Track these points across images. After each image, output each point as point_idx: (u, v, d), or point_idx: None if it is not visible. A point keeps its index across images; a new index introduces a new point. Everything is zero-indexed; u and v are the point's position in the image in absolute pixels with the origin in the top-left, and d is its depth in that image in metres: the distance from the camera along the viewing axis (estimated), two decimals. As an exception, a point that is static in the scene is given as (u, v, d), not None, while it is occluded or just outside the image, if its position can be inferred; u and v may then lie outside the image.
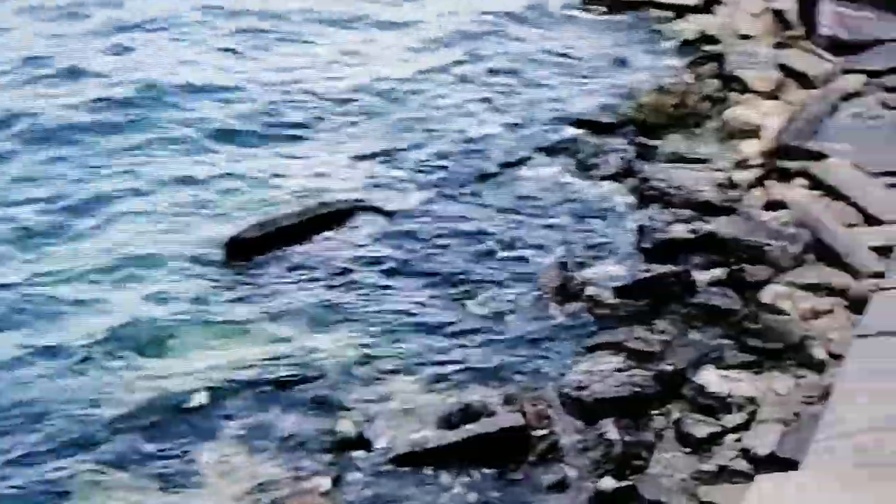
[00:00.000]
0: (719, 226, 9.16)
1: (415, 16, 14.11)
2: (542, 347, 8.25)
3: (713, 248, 8.99)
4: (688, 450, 7.14)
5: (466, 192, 10.31)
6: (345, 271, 9.26)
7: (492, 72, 12.54)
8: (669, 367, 7.68)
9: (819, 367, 7.60)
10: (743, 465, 6.93)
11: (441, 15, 14.12)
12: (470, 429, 7.46)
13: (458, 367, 8.18)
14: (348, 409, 7.77)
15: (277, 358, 8.26)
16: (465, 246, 9.51)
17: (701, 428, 7.23)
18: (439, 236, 9.63)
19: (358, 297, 8.95)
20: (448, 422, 7.59)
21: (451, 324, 8.60)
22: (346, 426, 7.59)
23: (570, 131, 11.21)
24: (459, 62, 12.83)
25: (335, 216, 9.75)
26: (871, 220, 8.95)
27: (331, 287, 9.07)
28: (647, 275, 8.71)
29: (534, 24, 13.98)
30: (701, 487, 6.83)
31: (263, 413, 7.73)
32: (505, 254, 9.37)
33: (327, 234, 9.64)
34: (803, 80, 11.57)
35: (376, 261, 9.37)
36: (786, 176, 9.89)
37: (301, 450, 7.45)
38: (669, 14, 14.02)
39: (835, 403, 6.52)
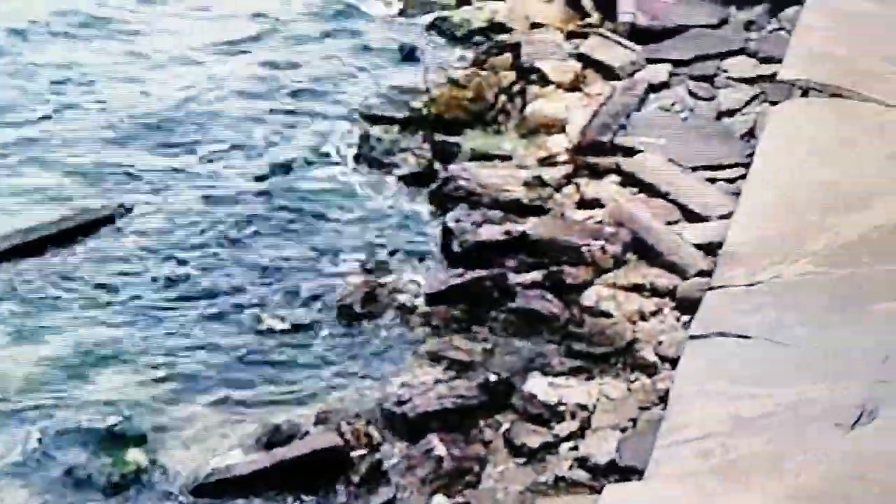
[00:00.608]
0: (532, 226, 9.72)
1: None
2: (353, 362, 8.66)
3: (527, 249, 9.56)
4: (521, 461, 7.64)
5: (249, 196, 10.57)
6: (114, 287, 9.44)
7: (271, 66, 12.82)
8: (494, 377, 8.18)
9: (650, 370, 8.24)
10: (581, 474, 7.49)
11: (217, 17, 14.30)
12: (280, 452, 7.80)
13: (259, 387, 8.51)
14: (138, 438, 7.98)
15: (45, 383, 8.39)
16: (251, 256, 9.80)
17: (533, 438, 7.75)
18: (221, 246, 9.89)
19: (135, 314, 9.14)
20: (255, 446, 7.89)
21: (245, 341, 8.90)
22: (136, 456, 7.81)
23: (360, 129, 11.56)
24: (238, 59, 13.06)
25: (100, 222, 9.91)
26: (691, 216, 9.67)
27: (103, 305, 9.24)
28: (461, 280, 9.21)
29: (314, 17, 14.24)
30: (539, 500, 7.33)
31: (33, 447, 7.88)
32: (300, 262, 9.70)
33: (91, 244, 9.79)
34: (606, 71, 12.26)
35: (151, 275, 9.57)
36: (596, 172, 10.53)
37: (84, 487, 7.63)
38: (451, 2, 14.51)
39: (674, 407, 7.15)
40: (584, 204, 10.18)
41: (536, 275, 9.33)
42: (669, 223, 9.66)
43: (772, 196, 9.01)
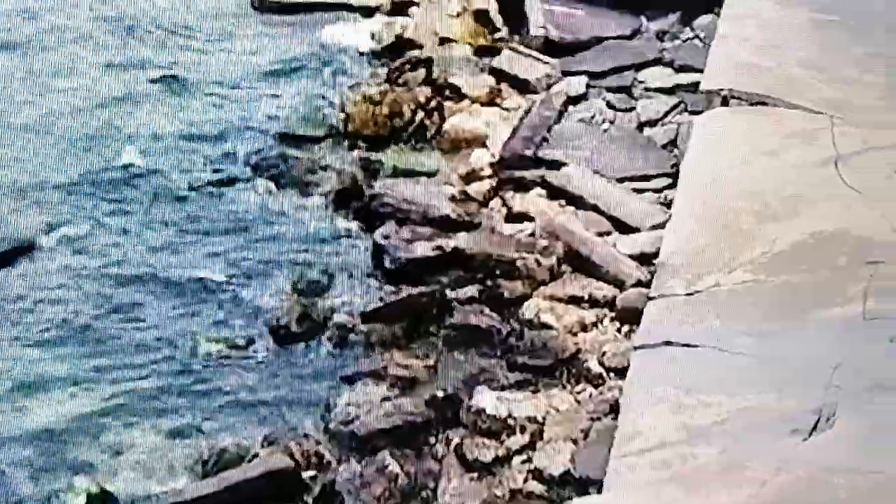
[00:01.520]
0: (464, 241, 9.87)
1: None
2: (296, 382, 8.77)
3: (461, 265, 9.74)
4: (475, 475, 7.80)
5: (162, 220, 10.62)
6: (44, 311, 9.42)
7: (168, 81, 12.83)
8: (441, 393, 8.33)
9: (596, 380, 8.45)
10: (537, 486, 7.70)
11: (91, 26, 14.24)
12: (229, 476, 7.88)
13: (202, 412, 8.61)
14: (83, 466, 8.02)
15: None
16: (181, 280, 9.83)
17: (485, 452, 7.93)
18: (147, 274, 9.92)
19: (67, 339, 9.15)
20: (203, 470, 7.97)
21: (182, 367, 8.99)
22: (83, 483, 7.86)
23: (276, 147, 11.62)
24: (128, 72, 13.04)
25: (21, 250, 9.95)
26: (622, 227, 9.90)
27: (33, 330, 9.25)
28: (397, 297, 9.35)
29: (206, 31, 14.25)
30: (497, 513, 7.51)
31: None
32: (231, 285, 9.76)
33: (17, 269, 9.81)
34: (522, 85, 12.46)
35: (79, 301, 9.56)
36: (522, 186, 10.73)
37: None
38: (358, 16, 14.62)
39: (627, 417, 7.33)
40: (512, 217, 10.37)
41: (472, 290, 9.51)
42: (601, 234, 9.84)
43: (703, 206, 9.23)
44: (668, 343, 7.86)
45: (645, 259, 9.39)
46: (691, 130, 10.40)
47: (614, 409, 7.93)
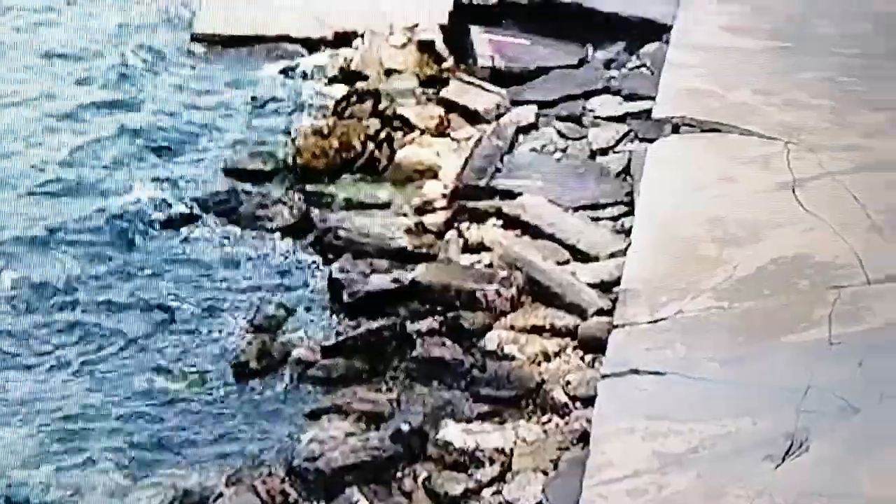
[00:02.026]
0: (421, 273, 9.85)
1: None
2: (258, 419, 8.72)
3: (420, 297, 9.70)
4: (445, 509, 7.76)
5: (118, 259, 10.53)
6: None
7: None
8: (406, 427, 8.28)
9: (562, 410, 8.44)
10: (508, 518, 7.62)
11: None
12: (196, 516, 7.81)
13: (161, 451, 8.51)
14: (47, 504, 7.93)
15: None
16: (138, 318, 9.75)
17: (454, 485, 7.90)
18: (109, 311, 9.86)
19: (22, 375, 9.05)
20: (167, 511, 7.90)
21: (141, 404, 8.87)
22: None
23: (225, 182, 11.56)
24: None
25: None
26: (580, 256, 9.91)
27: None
28: (358, 331, 9.31)
29: (144, 67, 14.18)
30: (470, 547, 7.47)
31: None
32: (188, 324, 9.68)
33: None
34: (471, 115, 12.49)
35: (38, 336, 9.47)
36: (477, 216, 10.73)
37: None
38: (300, 49, 14.59)
39: (597, 447, 7.32)
40: (469, 248, 10.36)
41: (433, 322, 9.48)
42: (560, 263, 9.84)
43: (662, 233, 9.27)
44: (635, 371, 7.86)
45: (605, 287, 9.40)
46: (645, 158, 10.41)
47: (583, 438, 7.91)
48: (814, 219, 9.00)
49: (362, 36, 14.38)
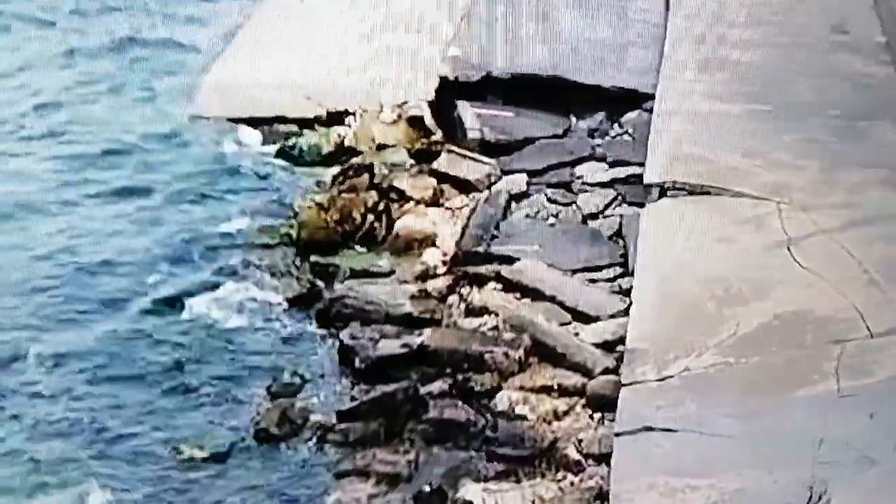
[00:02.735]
0: (429, 337, 9.60)
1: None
2: (279, 483, 8.38)
3: (429, 360, 9.46)
4: (470, 567, 7.47)
5: (130, 327, 10.23)
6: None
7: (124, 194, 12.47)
8: (427, 487, 7.99)
9: (576, 468, 8.17)
10: (535, 576, 7.34)
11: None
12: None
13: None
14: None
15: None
16: (155, 388, 9.48)
17: (478, 544, 7.59)
18: (125, 378, 9.55)
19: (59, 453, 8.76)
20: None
21: (167, 473, 8.54)
22: None
23: (233, 255, 11.30)
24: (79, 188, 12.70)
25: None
26: (582, 317, 9.67)
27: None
28: (372, 395, 9.04)
29: (151, 145, 13.90)
30: None
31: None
32: (207, 396, 9.39)
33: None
34: (463, 185, 12.28)
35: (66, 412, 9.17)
36: (477, 282, 10.52)
37: None
38: (294, 128, 14.32)
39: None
40: (471, 312, 10.11)
41: (443, 384, 9.25)
42: (562, 325, 9.60)
43: (662, 292, 9.09)
44: (648, 428, 7.66)
45: (608, 347, 9.22)
46: (638, 221, 10.23)
47: (600, 496, 7.67)
48: (811, 276, 8.82)
49: (354, 114, 14.11)
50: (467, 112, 13.56)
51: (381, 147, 13.58)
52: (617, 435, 7.76)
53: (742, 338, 8.39)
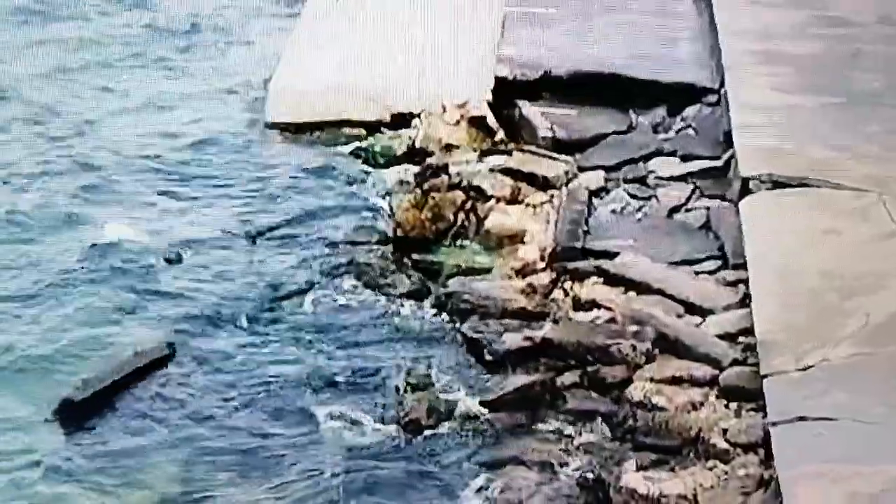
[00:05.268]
0: (551, 331, 9.39)
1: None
2: (439, 471, 8.20)
3: (554, 353, 9.21)
4: (644, 553, 7.29)
5: (263, 328, 9.99)
6: (176, 426, 8.84)
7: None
8: (589, 474, 7.80)
9: (725, 456, 7.95)
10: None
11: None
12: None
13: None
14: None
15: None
16: (291, 387, 9.24)
17: (648, 531, 7.41)
18: (264, 381, 9.30)
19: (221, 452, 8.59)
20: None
21: (337, 462, 8.39)
22: None
23: (342, 255, 11.03)
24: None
25: (152, 365, 9.25)
26: (694, 309, 9.45)
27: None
28: (511, 386, 8.82)
29: (225, 152, 13.56)
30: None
31: None
32: (345, 387, 9.20)
33: (148, 386, 9.12)
34: (541, 182, 12.01)
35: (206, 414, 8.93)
36: (578, 276, 10.25)
37: None
38: (361, 132, 14.01)
39: (789, 491, 6.88)
40: (580, 306, 9.85)
41: (573, 376, 8.99)
42: (678, 317, 9.39)
43: (782, 286, 8.91)
44: (801, 418, 7.43)
45: (731, 338, 8.95)
46: (728, 214, 10.02)
47: (762, 483, 7.46)
48: (927, 264, 8.62)
49: (419, 116, 13.85)
50: (536, 112, 13.31)
51: (449, 147, 13.32)
52: (772, 424, 7.55)
53: (876, 328, 8.22)
